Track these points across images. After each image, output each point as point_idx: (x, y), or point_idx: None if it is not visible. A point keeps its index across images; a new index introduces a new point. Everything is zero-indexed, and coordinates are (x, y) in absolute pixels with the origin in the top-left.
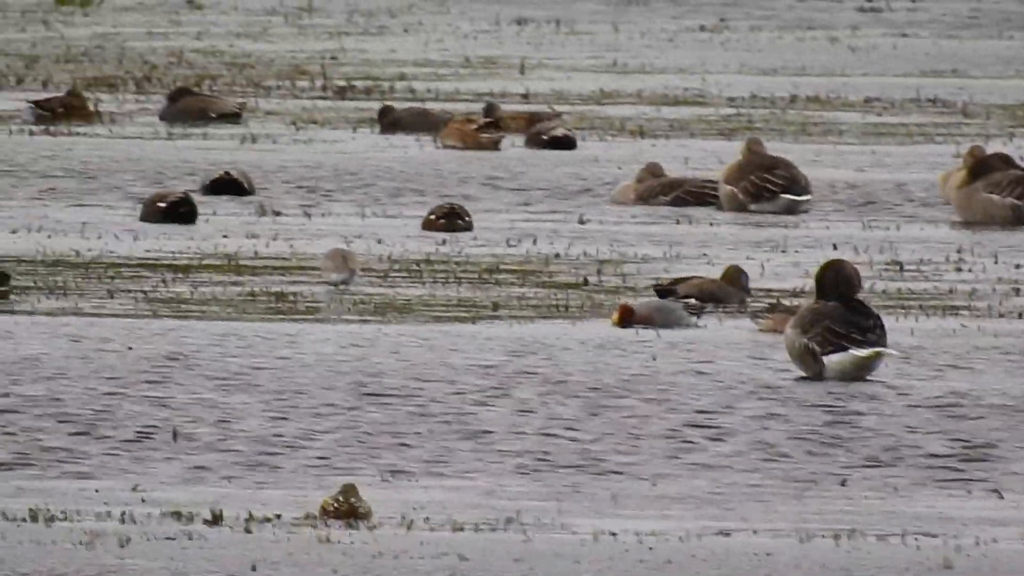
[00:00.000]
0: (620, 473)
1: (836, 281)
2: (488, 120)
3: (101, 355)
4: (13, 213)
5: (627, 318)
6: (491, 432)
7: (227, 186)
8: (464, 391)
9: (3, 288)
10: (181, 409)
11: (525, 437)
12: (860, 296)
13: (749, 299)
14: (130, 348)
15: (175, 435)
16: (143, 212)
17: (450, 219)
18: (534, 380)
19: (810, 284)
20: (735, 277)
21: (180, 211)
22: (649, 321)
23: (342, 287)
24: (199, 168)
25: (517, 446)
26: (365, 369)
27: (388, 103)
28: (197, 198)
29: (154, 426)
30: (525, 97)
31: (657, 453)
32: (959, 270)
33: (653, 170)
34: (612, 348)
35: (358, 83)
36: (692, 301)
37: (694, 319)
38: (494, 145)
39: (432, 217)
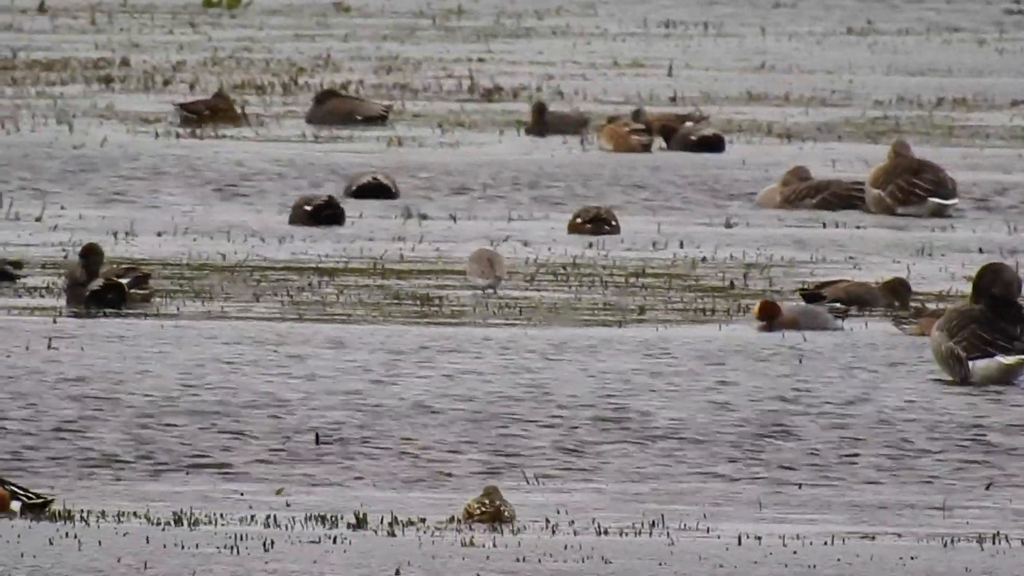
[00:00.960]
0: (765, 477)
1: (994, 284)
2: (639, 123)
3: (244, 358)
4: (159, 215)
5: (768, 312)
6: (636, 435)
7: (374, 190)
8: (610, 394)
9: (144, 290)
10: (324, 413)
11: (669, 440)
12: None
13: (907, 311)
14: (275, 351)
15: (317, 439)
16: (291, 215)
17: (595, 223)
18: (679, 383)
19: (956, 287)
20: (898, 289)
21: (325, 214)
22: (795, 325)
23: (488, 291)
24: (345, 171)
25: (661, 449)
26: (509, 372)
27: (541, 102)
28: (343, 201)
29: (298, 430)
30: (672, 99)
31: (801, 457)
32: None
33: (798, 173)
34: (758, 351)
35: (505, 85)
36: (838, 305)
37: (839, 322)
38: (644, 148)
39: (578, 220)
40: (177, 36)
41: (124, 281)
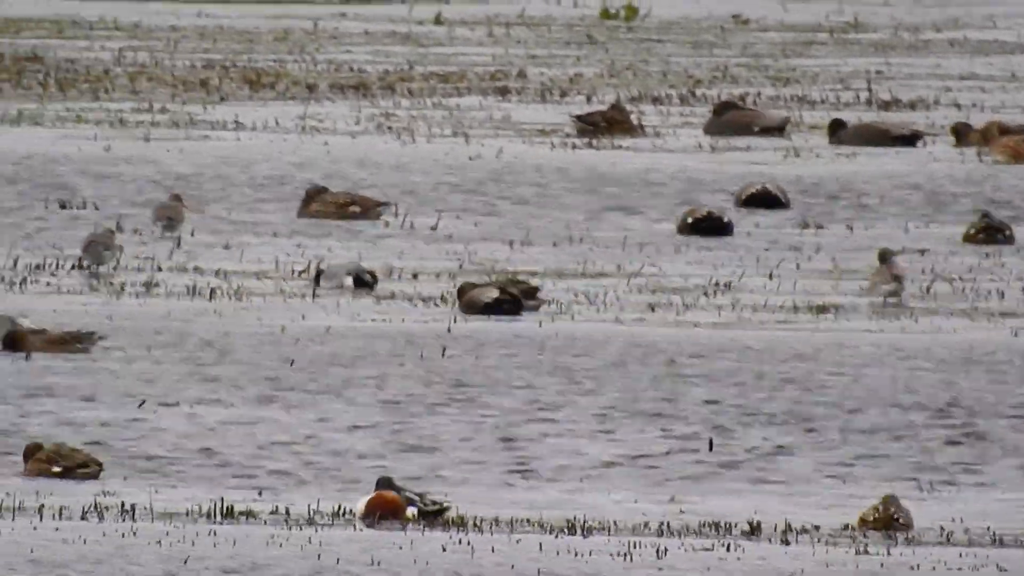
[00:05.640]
0: None
1: None
2: None
3: (639, 363)
4: (554, 225)
5: None
6: None
7: (762, 199)
8: (1014, 404)
9: (534, 301)
10: (710, 419)
11: None
12: None
13: None
14: (672, 361)
15: (711, 445)
16: (677, 226)
17: (988, 232)
18: None
19: None
20: None
21: (705, 226)
22: None
23: (890, 299)
24: (741, 181)
25: None
26: (905, 379)
27: (837, 118)
28: (733, 210)
29: (693, 435)
30: None
31: None
32: None
33: None
34: None
35: (903, 98)
36: None
37: None
38: None
39: (971, 231)
40: (574, 48)
41: (516, 292)
